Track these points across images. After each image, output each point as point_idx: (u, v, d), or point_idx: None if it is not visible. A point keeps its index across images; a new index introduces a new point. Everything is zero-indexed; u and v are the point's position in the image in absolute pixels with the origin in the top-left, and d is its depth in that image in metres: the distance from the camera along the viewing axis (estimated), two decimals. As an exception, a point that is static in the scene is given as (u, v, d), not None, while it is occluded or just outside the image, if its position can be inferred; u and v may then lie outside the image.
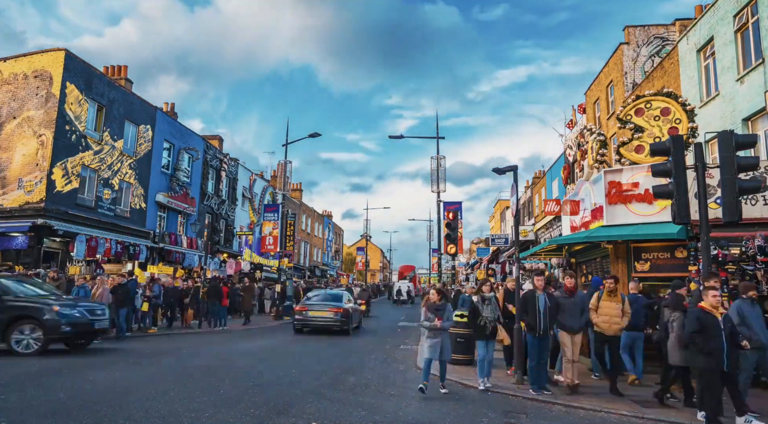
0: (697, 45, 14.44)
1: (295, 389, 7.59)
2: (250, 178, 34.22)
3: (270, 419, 5.85)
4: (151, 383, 7.64)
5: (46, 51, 18.02)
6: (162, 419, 5.68)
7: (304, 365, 9.87)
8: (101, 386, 7.27)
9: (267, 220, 28.04)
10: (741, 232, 9.01)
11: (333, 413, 6.27)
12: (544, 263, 21.03)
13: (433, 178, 20.06)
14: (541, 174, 33.42)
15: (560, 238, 15.22)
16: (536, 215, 31.80)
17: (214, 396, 6.86)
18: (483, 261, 35.33)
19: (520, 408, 6.93)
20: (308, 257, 46.93)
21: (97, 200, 19.19)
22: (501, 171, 10.32)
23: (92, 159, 18.94)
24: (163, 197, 23.18)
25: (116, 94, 20.46)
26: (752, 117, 12.36)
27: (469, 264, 51.13)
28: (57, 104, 17.30)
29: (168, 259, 22.68)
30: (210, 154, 28.24)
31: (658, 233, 10.20)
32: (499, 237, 31.05)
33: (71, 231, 17.03)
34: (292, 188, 44.30)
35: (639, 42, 20.05)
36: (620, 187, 11.42)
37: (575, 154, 15.46)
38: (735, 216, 6.80)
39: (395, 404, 6.89)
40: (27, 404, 6.18)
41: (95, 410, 5.94)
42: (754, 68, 12.05)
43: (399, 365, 10.39)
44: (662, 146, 7.68)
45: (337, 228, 62.71)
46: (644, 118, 12.00)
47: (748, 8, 12.36)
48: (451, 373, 9.19)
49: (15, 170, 17.28)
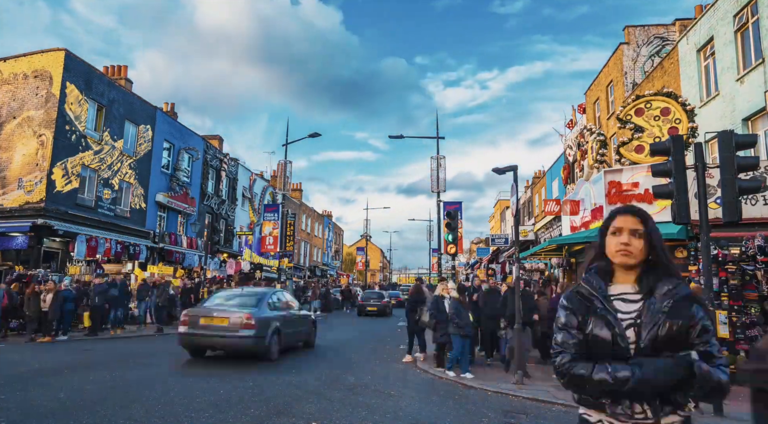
0: (697, 45, 14.43)
1: (296, 389, 7.59)
2: (250, 178, 34.22)
3: (270, 419, 5.85)
4: (151, 383, 7.64)
5: (46, 51, 18.02)
6: (162, 419, 5.68)
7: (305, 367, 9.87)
8: (101, 386, 7.28)
9: (267, 220, 28.05)
10: (741, 232, 9.01)
11: (333, 413, 6.26)
12: (544, 263, 21.04)
13: (432, 178, 20.06)
14: (541, 174, 33.42)
15: (560, 238, 15.23)
16: (536, 215, 31.80)
17: (214, 396, 6.86)
18: (483, 261, 35.34)
19: (520, 408, 6.93)
20: (308, 257, 46.93)
21: (97, 200, 19.19)
22: (501, 171, 10.32)
23: (92, 159, 18.93)
24: (163, 197, 23.18)
25: (116, 94, 20.46)
26: (752, 117, 12.36)
27: (469, 264, 51.14)
28: (57, 104, 17.30)
29: (168, 259, 22.68)
30: (210, 154, 28.24)
31: (658, 233, 10.19)
32: (499, 237, 31.07)
33: (71, 231, 17.03)
34: (292, 188, 44.31)
35: (639, 42, 20.05)
36: (620, 187, 11.43)
37: (575, 154, 15.47)
38: (735, 216, 6.79)
39: (395, 404, 6.89)
40: (27, 404, 6.19)
41: (95, 410, 5.94)
42: (754, 68, 12.05)
43: (399, 365, 10.39)
44: (662, 146, 7.66)
45: (337, 228, 62.72)
46: (644, 118, 12.01)
47: (748, 8, 12.36)
48: (452, 373, 9.22)
49: (15, 170, 17.28)
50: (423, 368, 9.82)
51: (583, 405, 1.82)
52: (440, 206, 19.94)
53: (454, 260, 32.90)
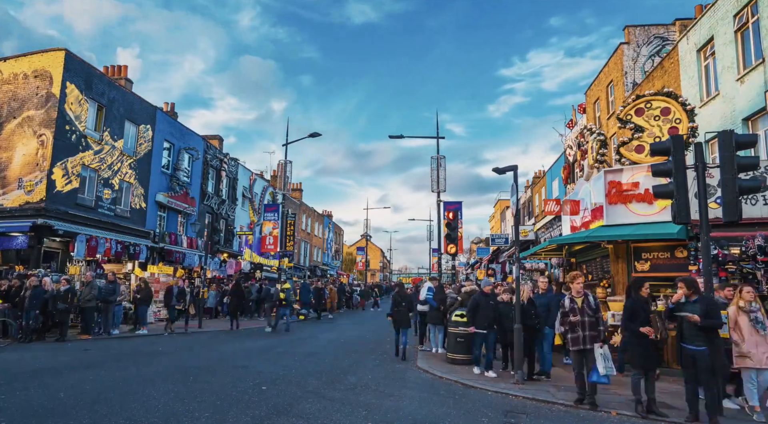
0: (697, 45, 14.43)
1: (296, 389, 7.60)
2: (250, 178, 34.22)
3: (270, 419, 5.85)
4: (151, 382, 7.65)
5: (46, 51, 18.01)
6: (162, 419, 5.68)
7: (304, 365, 9.87)
8: (101, 386, 7.28)
9: (267, 220, 28.03)
10: (741, 232, 9.02)
11: (333, 413, 6.27)
12: (544, 263, 21.04)
13: (433, 178, 20.05)
14: (541, 174, 33.43)
15: (560, 238, 15.22)
16: (536, 215, 31.80)
17: (214, 396, 6.86)
18: (483, 261, 35.36)
19: (520, 408, 6.93)
20: (308, 257, 46.92)
21: (97, 200, 19.18)
22: (501, 171, 10.32)
23: (92, 159, 18.93)
24: (163, 197, 23.17)
25: (116, 94, 20.46)
26: (752, 117, 12.36)
27: (469, 264, 51.18)
28: (57, 104, 17.30)
29: (168, 259, 22.67)
30: (210, 154, 28.23)
31: (658, 233, 10.20)
32: (499, 237, 31.10)
33: (71, 231, 17.02)
34: (292, 188, 44.32)
35: (639, 42, 20.05)
36: (620, 187, 11.43)
37: (575, 154, 15.47)
38: (735, 216, 6.79)
39: (395, 404, 6.89)
40: (27, 404, 6.19)
41: (95, 410, 5.95)
42: (754, 68, 12.05)
43: (399, 365, 10.39)
44: (662, 146, 7.67)
45: (337, 228, 62.70)
46: (644, 118, 12.01)
47: (748, 8, 12.36)
48: (451, 373, 9.22)
49: (15, 170, 17.27)
50: (423, 368, 9.82)
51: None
52: (440, 206, 19.94)
53: (454, 259, 32.91)
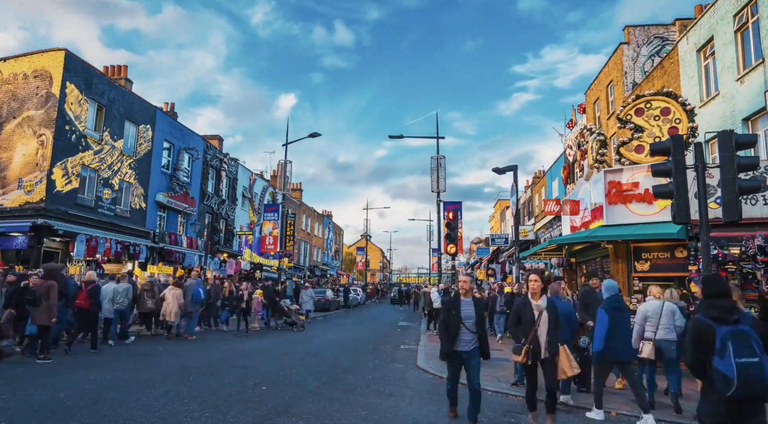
0: (697, 45, 14.43)
1: (296, 389, 7.59)
2: (250, 178, 34.22)
3: (270, 419, 5.85)
4: (151, 382, 7.64)
5: (46, 51, 18.01)
6: (162, 419, 5.68)
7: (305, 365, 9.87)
8: (101, 386, 7.28)
9: (267, 220, 28.07)
10: (741, 232, 9.02)
11: (333, 413, 6.27)
12: (544, 263, 21.05)
13: (432, 178, 20.05)
14: (541, 174, 33.43)
15: (560, 238, 15.22)
16: (536, 215, 31.80)
17: (214, 396, 6.86)
18: (483, 261, 35.36)
19: (520, 408, 6.92)
20: (308, 257, 46.92)
21: (97, 200, 19.18)
22: (501, 171, 10.33)
23: (92, 159, 18.93)
24: (163, 197, 23.17)
25: (116, 94, 20.46)
26: (752, 117, 12.36)
27: (469, 264, 51.17)
28: (57, 104, 17.30)
29: (168, 259, 22.67)
30: (210, 154, 28.23)
31: (658, 233, 10.21)
32: (499, 237, 31.10)
33: (71, 231, 17.03)
34: (292, 188, 44.33)
35: (639, 42, 20.05)
36: (620, 187, 11.44)
37: (575, 154, 15.47)
38: (735, 216, 6.80)
39: (395, 404, 6.89)
40: (27, 404, 6.19)
41: (95, 410, 5.95)
42: (754, 68, 12.05)
43: (399, 365, 10.39)
44: (662, 146, 7.67)
45: (337, 228, 62.70)
46: (644, 118, 12.02)
47: (748, 8, 12.36)
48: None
49: (15, 170, 17.28)
50: (423, 368, 9.82)
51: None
52: (440, 206, 19.95)
53: (454, 259, 32.89)
